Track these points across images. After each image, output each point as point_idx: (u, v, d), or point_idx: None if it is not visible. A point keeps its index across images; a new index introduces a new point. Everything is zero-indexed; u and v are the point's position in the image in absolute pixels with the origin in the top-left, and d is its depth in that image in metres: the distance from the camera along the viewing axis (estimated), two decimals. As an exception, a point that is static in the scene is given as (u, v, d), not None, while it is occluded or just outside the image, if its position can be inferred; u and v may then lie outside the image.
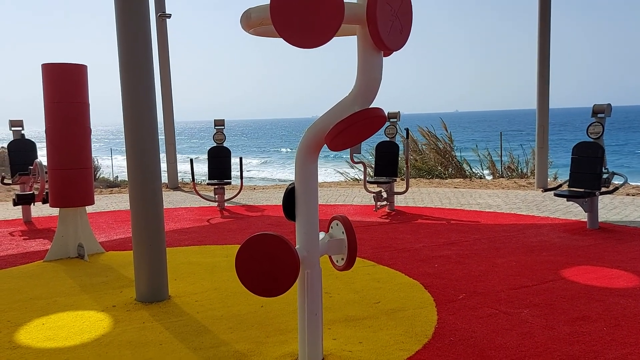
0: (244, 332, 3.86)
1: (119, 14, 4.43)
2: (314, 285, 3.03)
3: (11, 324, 4.12)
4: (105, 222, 8.47)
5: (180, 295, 4.72)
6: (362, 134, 2.82)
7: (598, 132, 7.12)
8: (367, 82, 2.75)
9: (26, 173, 8.18)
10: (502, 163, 15.62)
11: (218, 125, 9.88)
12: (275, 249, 2.87)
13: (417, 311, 4.22)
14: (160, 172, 4.71)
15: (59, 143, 6.09)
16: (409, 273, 5.28)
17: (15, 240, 7.21)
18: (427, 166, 15.56)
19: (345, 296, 4.61)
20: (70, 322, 4.13)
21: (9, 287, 5.09)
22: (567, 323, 3.92)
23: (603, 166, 7.02)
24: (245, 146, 67.83)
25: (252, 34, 2.98)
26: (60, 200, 6.20)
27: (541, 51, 10.94)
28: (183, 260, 5.93)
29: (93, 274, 5.49)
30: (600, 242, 6.46)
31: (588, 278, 5.02)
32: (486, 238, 6.79)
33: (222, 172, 9.72)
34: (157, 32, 12.31)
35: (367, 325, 3.94)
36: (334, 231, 3.22)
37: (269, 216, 8.83)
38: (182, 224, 8.20)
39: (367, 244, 6.53)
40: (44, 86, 6.12)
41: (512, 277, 5.08)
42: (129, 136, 4.53)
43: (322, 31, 2.52)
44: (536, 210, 8.76)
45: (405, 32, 2.77)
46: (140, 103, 4.49)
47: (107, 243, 6.89)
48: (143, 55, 4.47)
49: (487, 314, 4.13)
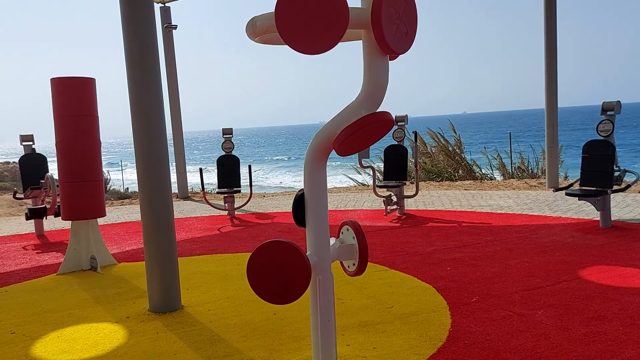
0: (258, 340, 3.86)
1: (126, 26, 4.47)
2: (326, 292, 3.02)
3: (27, 337, 4.14)
4: (117, 233, 8.51)
5: (193, 305, 4.73)
6: (370, 138, 2.82)
7: (608, 129, 7.07)
8: (373, 86, 2.75)
9: (38, 187, 8.24)
10: (512, 163, 15.54)
11: (226, 134, 9.92)
12: (286, 256, 2.87)
13: (431, 315, 4.20)
14: (170, 183, 4.73)
15: (70, 156, 6.14)
16: (422, 277, 5.26)
17: (29, 254, 7.26)
18: (436, 169, 15.51)
19: (358, 302, 4.59)
20: (84, 335, 4.15)
21: (24, 301, 5.13)
22: (582, 323, 3.88)
23: (614, 164, 6.97)
24: (256, 154, 67.97)
25: (257, 42, 2.99)
26: (72, 213, 6.24)
27: (548, 49, 10.90)
28: (195, 270, 5.94)
29: (106, 286, 5.51)
30: (613, 240, 6.40)
31: (602, 277, 4.97)
32: (498, 240, 6.75)
33: (232, 180, 9.74)
34: (163, 43, 12.40)
35: (380, 331, 3.92)
36: (344, 236, 3.21)
37: (279, 223, 8.84)
38: (193, 234, 8.23)
39: (379, 249, 6.52)
40: (53, 100, 6.17)
41: (526, 278, 5.05)
42: (139, 147, 4.56)
43: (327, 37, 2.52)
44: (548, 210, 8.69)
45: (411, 35, 2.77)
46: (149, 114, 4.51)
47: (119, 254, 6.92)
48: (151, 67, 4.50)
49: (501, 316, 4.10)
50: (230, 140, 9.90)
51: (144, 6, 4.49)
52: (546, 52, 10.93)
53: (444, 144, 15.85)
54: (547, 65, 10.92)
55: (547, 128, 11.17)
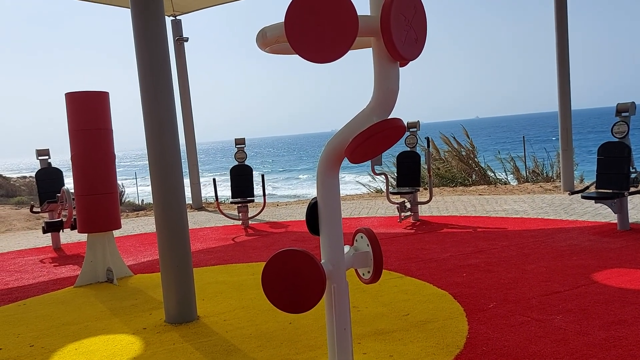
0: (274, 349, 3.85)
1: (138, 40, 4.52)
2: (341, 300, 3.01)
3: (45, 350, 4.18)
4: (133, 245, 8.57)
5: (209, 315, 4.74)
6: (382, 145, 2.81)
7: (623, 131, 7.00)
8: (384, 92, 2.75)
9: (54, 201, 8.33)
10: (527, 167, 15.41)
11: (239, 144, 9.97)
12: (301, 265, 2.87)
13: (447, 322, 4.16)
14: (184, 194, 4.76)
15: (85, 170, 6.21)
16: (437, 283, 5.22)
17: (46, 268, 7.33)
18: (450, 174, 15.43)
19: (373, 309, 4.57)
20: (102, 347, 4.17)
21: (42, 313, 5.17)
22: (602, 328, 3.83)
23: (631, 166, 6.88)
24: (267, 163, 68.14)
25: (268, 52, 3.00)
26: (88, 226, 6.30)
27: (560, 51, 10.83)
28: (210, 280, 5.96)
29: (123, 298, 5.54)
30: (632, 243, 6.31)
31: (621, 281, 4.90)
32: (514, 244, 6.68)
33: (245, 190, 9.78)
34: (175, 55, 12.53)
35: (397, 338, 3.90)
36: (358, 244, 3.20)
37: (293, 232, 8.84)
38: (207, 244, 8.25)
39: (393, 256, 6.49)
40: (68, 114, 6.25)
41: (543, 283, 4.99)
42: (153, 159, 4.60)
43: (337, 45, 2.53)
44: (564, 213, 8.60)
45: (421, 41, 2.77)
46: (162, 126, 4.55)
47: (135, 266, 6.97)
48: (163, 79, 4.55)
49: (519, 322, 4.05)
50: (243, 150, 9.94)
51: (156, 20, 4.54)
52: (558, 53, 10.86)
53: (457, 149, 15.78)
54: (560, 67, 10.85)
55: (560, 131, 11.08)
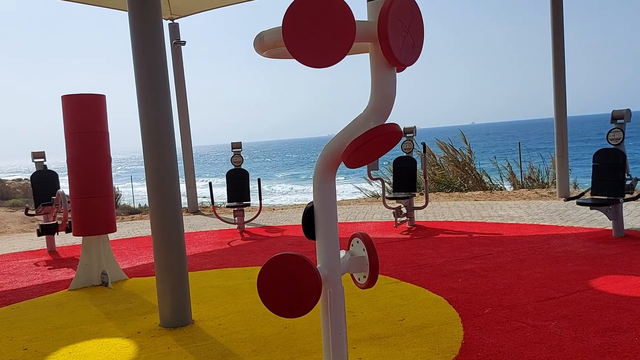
0: (269, 354, 3.84)
1: (135, 43, 4.52)
2: (337, 304, 3.01)
3: (39, 353, 4.15)
4: (128, 248, 8.54)
5: (204, 319, 4.72)
6: (379, 151, 2.82)
7: (618, 138, 7.03)
8: (381, 98, 2.76)
9: (49, 203, 8.30)
10: (522, 173, 15.45)
11: (235, 148, 9.96)
12: (297, 269, 2.86)
13: (443, 327, 4.16)
14: (180, 197, 4.75)
15: (80, 172, 6.19)
16: (433, 289, 5.22)
17: (40, 270, 7.30)
18: (446, 179, 15.45)
19: (369, 314, 4.57)
20: (96, 350, 4.15)
21: (35, 316, 5.14)
22: (597, 334, 3.84)
23: (625, 172, 6.92)
24: (264, 167, 68.08)
25: (265, 57, 3.01)
26: (83, 229, 6.27)
27: (556, 57, 10.88)
28: (205, 284, 5.94)
29: (117, 301, 5.52)
30: (627, 250, 6.33)
31: (616, 287, 4.91)
32: (509, 250, 6.69)
33: (241, 194, 9.77)
34: (172, 59, 12.53)
35: (392, 344, 3.89)
36: (354, 249, 3.21)
37: (289, 236, 8.83)
38: (203, 248, 8.24)
39: (389, 261, 6.49)
40: (64, 117, 6.24)
41: (538, 289, 5.00)
42: (149, 163, 4.59)
43: (334, 50, 2.54)
44: (559, 220, 8.63)
45: (418, 47, 2.78)
46: (158, 130, 4.55)
47: (129, 269, 6.94)
48: (160, 82, 4.55)
49: (514, 328, 4.06)
50: (240, 154, 9.94)
51: (153, 23, 4.54)
52: (554, 59, 10.91)
53: (453, 154, 15.81)
54: (555, 73, 10.90)
55: (556, 137, 11.12)
